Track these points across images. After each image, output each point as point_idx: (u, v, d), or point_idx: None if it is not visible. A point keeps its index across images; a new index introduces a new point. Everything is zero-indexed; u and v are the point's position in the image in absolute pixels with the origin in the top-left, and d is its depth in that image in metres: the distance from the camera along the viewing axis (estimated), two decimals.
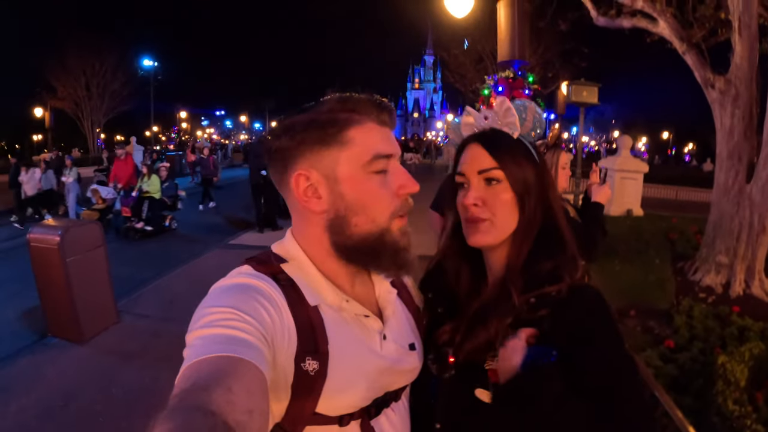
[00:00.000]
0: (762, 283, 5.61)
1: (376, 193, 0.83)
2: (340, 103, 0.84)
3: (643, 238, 8.09)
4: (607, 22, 7.53)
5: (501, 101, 1.04)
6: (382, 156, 0.83)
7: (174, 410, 0.53)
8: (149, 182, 9.57)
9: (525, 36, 8.13)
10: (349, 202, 0.82)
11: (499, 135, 1.01)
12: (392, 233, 0.84)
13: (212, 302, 0.74)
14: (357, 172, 0.82)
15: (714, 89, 5.90)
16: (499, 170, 0.95)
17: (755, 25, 5.53)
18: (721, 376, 3.31)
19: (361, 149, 0.82)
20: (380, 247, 0.84)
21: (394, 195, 0.84)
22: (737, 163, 5.75)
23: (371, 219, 0.83)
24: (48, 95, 29.38)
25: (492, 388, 0.87)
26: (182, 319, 3.56)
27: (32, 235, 4.50)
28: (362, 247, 0.84)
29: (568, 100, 9.37)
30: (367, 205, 0.83)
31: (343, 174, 0.82)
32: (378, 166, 0.83)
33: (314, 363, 0.77)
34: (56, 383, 3.76)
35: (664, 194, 17.85)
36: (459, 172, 1.01)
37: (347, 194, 0.82)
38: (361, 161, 0.82)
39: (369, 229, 0.83)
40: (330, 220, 0.84)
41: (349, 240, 0.84)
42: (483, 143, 0.99)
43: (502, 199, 0.95)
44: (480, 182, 0.97)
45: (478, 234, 0.96)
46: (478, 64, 22.46)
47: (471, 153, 0.99)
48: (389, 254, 0.85)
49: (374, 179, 0.83)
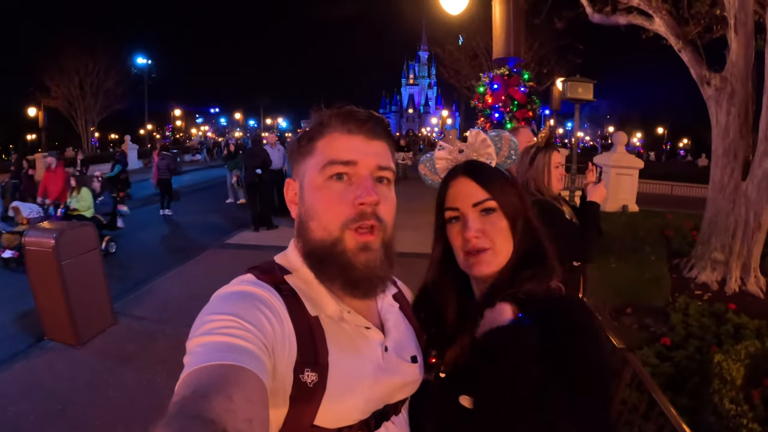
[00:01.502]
0: (757, 280, 5.64)
1: (328, 200, 0.83)
2: (316, 117, 0.90)
3: (639, 235, 8.11)
4: (603, 19, 7.53)
5: (476, 134, 1.07)
6: (337, 162, 0.83)
7: (173, 418, 0.53)
8: (78, 198, 8.06)
9: (520, 33, 8.12)
10: (307, 207, 0.86)
11: (483, 166, 1.04)
12: (344, 245, 0.82)
13: (214, 309, 0.74)
14: (314, 178, 0.85)
15: (710, 86, 5.91)
16: (492, 200, 0.98)
17: (751, 23, 5.54)
18: (717, 375, 3.32)
19: (320, 157, 0.85)
20: (328, 257, 0.83)
21: (350, 204, 0.82)
22: (733, 160, 5.77)
23: (322, 225, 0.83)
24: (42, 94, 29.18)
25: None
26: (178, 320, 3.59)
27: (27, 238, 4.49)
28: (314, 254, 0.85)
29: (564, 96, 9.38)
30: (319, 211, 0.84)
31: (306, 181, 0.87)
32: (332, 170, 0.83)
33: (313, 375, 0.77)
34: (52, 387, 3.75)
35: (660, 190, 17.91)
36: (451, 206, 1.02)
37: (306, 199, 0.87)
38: (317, 167, 0.85)
39: (321, 236, 0.83)
40: (297, 225, 0.90)
41: (306, 245, 0.86)
42: (471, 176, 1.01)
43: (498, 227, 0.98)
44: (476, 214, 0.99)
45: (482, 264, 0.97)
46: (472, 60, 22.44)
47: (460, 187, 1.01)
48: (337, 266, 0.83)
49: (331, 186, 0.84)
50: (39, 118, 23.88)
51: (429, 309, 1.08)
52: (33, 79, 30.74)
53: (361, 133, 0.86)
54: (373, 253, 0.84)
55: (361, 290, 0.85)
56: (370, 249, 0.83)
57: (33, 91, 29.70)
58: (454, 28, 20.39)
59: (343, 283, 0.84)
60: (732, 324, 4.48)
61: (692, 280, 5.93)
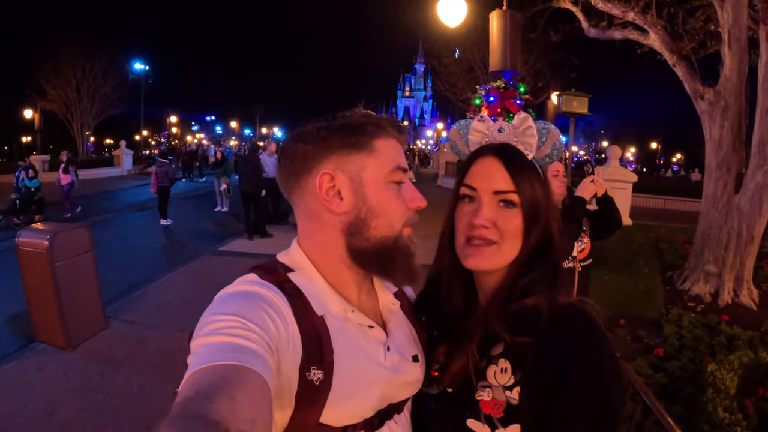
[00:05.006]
0: (750, 292, 5.67)
1: (394, 201, 0.88)
2: (367, 117, 0.90)
3: (632, 248, 8.16)
4: (598, 34, 7.63)
5: (524, 117, 0.99)
6: (401, 168, 0.90)
7: (176, 418, 0.53)
8: None
9: (517, 46, 8.19)
10: (371, 206, 0.86)
11: (519, 154, 0.96)
12: (404, 239, 0.88)
13: (217, 309, 0.73)
14: (380, 179, 0.87)
15: (703, 101, 5.99)
16: (516, 194, 0.90)
17: (744, 38, 5.63)
18: (711, 384, 3.33)
19: (386, 158, 0.88)
20: (395, 251, 0.87)
21: (406, 206, 0.89)
22: (726, 174, 5.83)
23: (389, 223, 0.86)
24: (38, 97, 29.08)
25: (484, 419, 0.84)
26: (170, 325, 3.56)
27: (21, 239, 4.45)
28: (378, 250, 0.86)
29: (558, 110, 9.46)
30: (387, 210, 0.86)
31: (368, 178, 0.86)
32: (397, 176, 0.89)
33: (319, 373, 0.77)
34: (42, 389, 3.70)
35: (653, 204, 18.02)
36: (469, 184, 0.95)
37: (370, 197, 0.86)
38: (385, 169, 0.87)
39: (386, 233, 0.86)
40: (349, 222, 0.86)
41: (366, 242, 0.86)
42: (503, 160, 0.93)
43: (512, 225, 0.91)
44: (493, 202, 0.92)
45: (479, 257, 0.91)
46: (468, 73, 22.68)
47: (487, 167, 0.94)
48: (401, 259, 0.88)
49: (392, 188, 0.88)
50: (35, 120, 23.84)
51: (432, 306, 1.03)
52: (30, 81, 30.66)
53: (402, 143, 0.95)
54: (415, 245, 0.92)
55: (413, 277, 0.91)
56: (414, 241, 0.91)
57: (29, 94, 29.58)
58: (451, 41, 20.60)
59: (406, 275, 0.90)
60: (725, 335, 4.50)
61: (685, 292, 5.96)
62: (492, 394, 0.84)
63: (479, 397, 0.85)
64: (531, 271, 0.90)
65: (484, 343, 0.88)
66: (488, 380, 0.85)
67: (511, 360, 0.84)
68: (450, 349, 0.94)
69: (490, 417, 0.83)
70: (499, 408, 0.83)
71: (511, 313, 0.85)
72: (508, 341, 0.84)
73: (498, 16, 8.05)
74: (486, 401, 0.84)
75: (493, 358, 0.87)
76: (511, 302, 0.87)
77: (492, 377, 0.85)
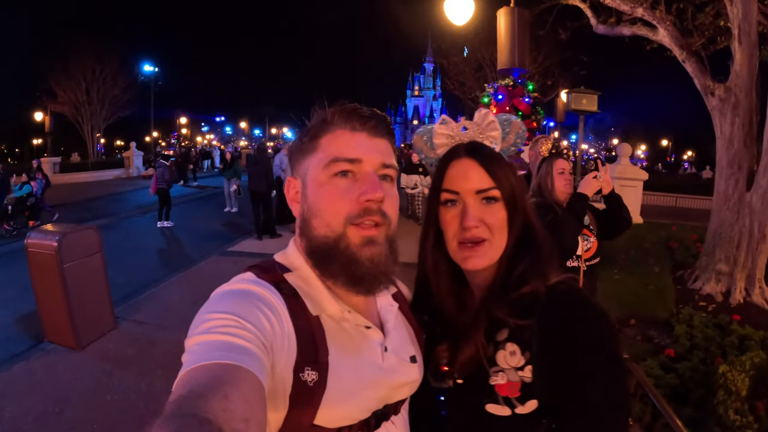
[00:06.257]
0: (762, 291, 5.59)
1: (332, 196, 0.83)
2: (318, 115, 0.89)
3: (643, 247, 8.08)
4: (607, 30, 7.56)
5: (484, 113, 1.02)
6: (342, 159, 0.83)
7: (170, 417, 0.52)
8: None
9: (525, 44, 8.17)
10: (310, 204, 0.86)
11: (490, 150, 0.99)
12: (348, 240, 0.82)
13: (213, 308, 0.73)
14: (318, 175, 0.85)
15: (714, 97, 5.91)
16: (497, 189, 0.94)
17: (755, 33, 5.55)
18: (722, 386, 3.28)
19: (324, 153, 0.85)
20: (333, 253, 0.82)
21: (354, 201, 0.82)
22: (737, 171, 5.75)
23: (326, 222, 0.83)
24: (48, 99, 29.46)
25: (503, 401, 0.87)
26: (178, 326, 3.58)
27: (30, 240, 4.49)
28: (318, 252, 0.84)
29: (568, 108, 9.41)
30: (322, 208, 0.83)
31: (309, 178, 0.86)
32: (336, 168, 0.83)
33: (313, 374, 0.76)
34: (51, 389, 3.73)
35: (664, 202, 17.87)
36: (449, 189, 0.96)
37: (309, 196, 0.86)
38: (321, 164, 0.84)
39: (324, 233, 0.83)
40: (300, 223, 0.88)
41: (309, 243, 0.86)
42: (477, 159, 0.96)
43: (498, 218, 0.94)
44: (477, 201, 0.94)
45: (477, 257, 0.94)
46: (477, 71, 22.64)
47: (463, 169, 0.96)
48: (342, 262, 0.82)
49: (336, 183, 0.83)
50: (45, 122, 24.10)
51: (429, 307, 1.04)
52: (40, 83, 31.05)
53: (364, 130, 0.86)
54: (378, 247, 0.83)
55: (365, 286, 0.85)
56: (374, 243, 0.83)
57: (40, 96, 30.02)
58: (460, 40, 20.59)
59: (347, 280, 0.84)
60: (737, 335, 4.44)
61: (696, 291, 5.89)
62: (506, 377, 0.87)
63: (493, 381, 0.88)
64: (520, 259, 0.94)
65: (489, 331, 0.92)
66: (499, 365, 0.88)
67: (518, 342, 0.88)
68: (455, 342, 0.95)
69: (508, 398, 0.86)
70: (515, 388, 0.86)
71: (513, 301, 0.90)
72: (512, 326, 0.89)
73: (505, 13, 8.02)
74: (501, 384, 0.87)
75: (500, 344, 0.90)
76: (509, 291, 0.91)
77: (503, 361, 0.88)
